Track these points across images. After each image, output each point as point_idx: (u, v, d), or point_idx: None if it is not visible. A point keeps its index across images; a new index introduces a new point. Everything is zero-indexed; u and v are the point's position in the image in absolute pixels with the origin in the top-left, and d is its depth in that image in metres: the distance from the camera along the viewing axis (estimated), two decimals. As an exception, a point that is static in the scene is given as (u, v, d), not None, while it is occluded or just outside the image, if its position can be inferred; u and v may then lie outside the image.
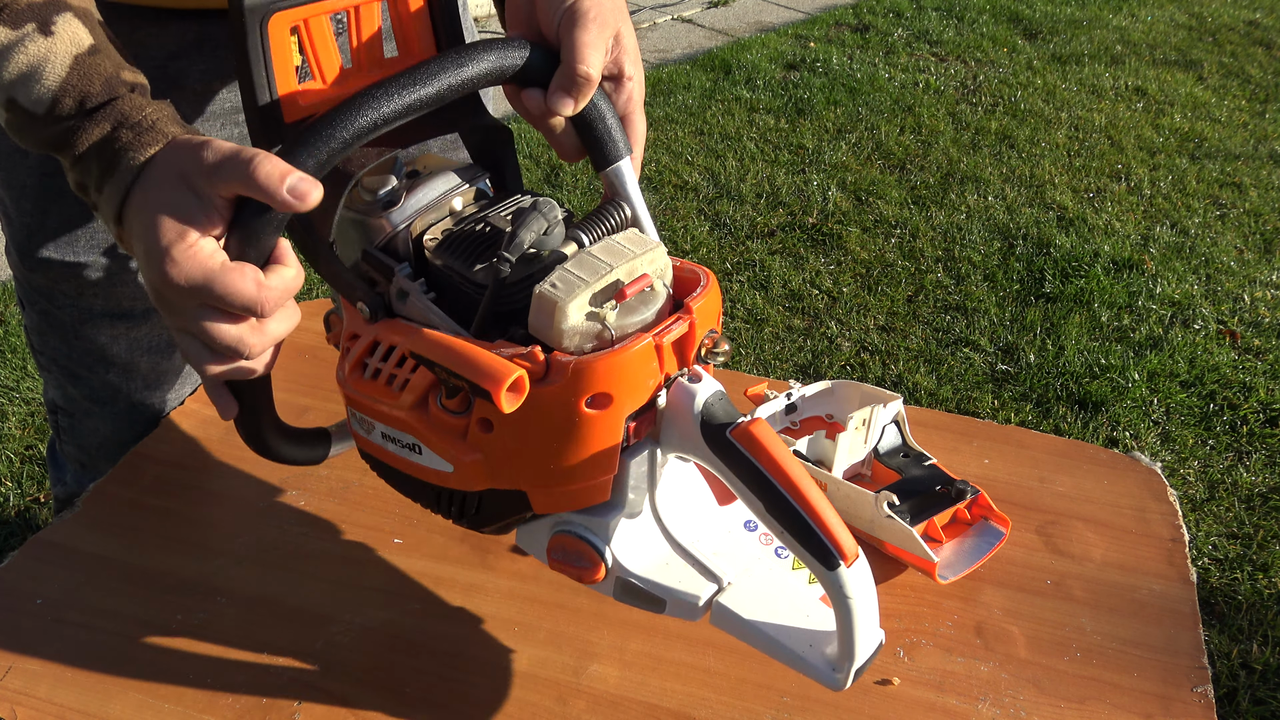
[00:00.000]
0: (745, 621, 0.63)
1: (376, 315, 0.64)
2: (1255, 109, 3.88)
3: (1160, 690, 0.72)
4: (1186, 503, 2.04)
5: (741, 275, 2.73)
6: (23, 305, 0.98)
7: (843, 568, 0.57)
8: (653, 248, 0.61)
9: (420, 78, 0.60)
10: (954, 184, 3.21)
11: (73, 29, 0.61)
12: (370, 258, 0.66)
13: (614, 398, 0.58)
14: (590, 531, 0.64)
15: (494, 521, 0.66)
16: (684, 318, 0.60)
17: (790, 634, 0.63)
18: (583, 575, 0.65)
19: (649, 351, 0.58)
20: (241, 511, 0.86)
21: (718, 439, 0.59)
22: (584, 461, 0.60)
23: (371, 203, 0.67)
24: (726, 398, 0.61)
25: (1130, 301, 2.65)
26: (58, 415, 1.04)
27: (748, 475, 0.58)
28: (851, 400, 0.87)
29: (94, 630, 0.75)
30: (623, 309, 0.58)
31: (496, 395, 0.55)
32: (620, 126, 0.67)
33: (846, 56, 4.19)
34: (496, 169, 0.72)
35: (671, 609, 0.64)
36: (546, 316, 0.57)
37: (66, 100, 0.61)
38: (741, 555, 0.66)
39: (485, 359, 0.56)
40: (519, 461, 0.61)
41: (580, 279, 0.58)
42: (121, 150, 0.60)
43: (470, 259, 0.63)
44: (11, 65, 0.60)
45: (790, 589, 0.65)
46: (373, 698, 0.70)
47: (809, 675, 0.62)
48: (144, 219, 0.58)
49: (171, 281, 0.56)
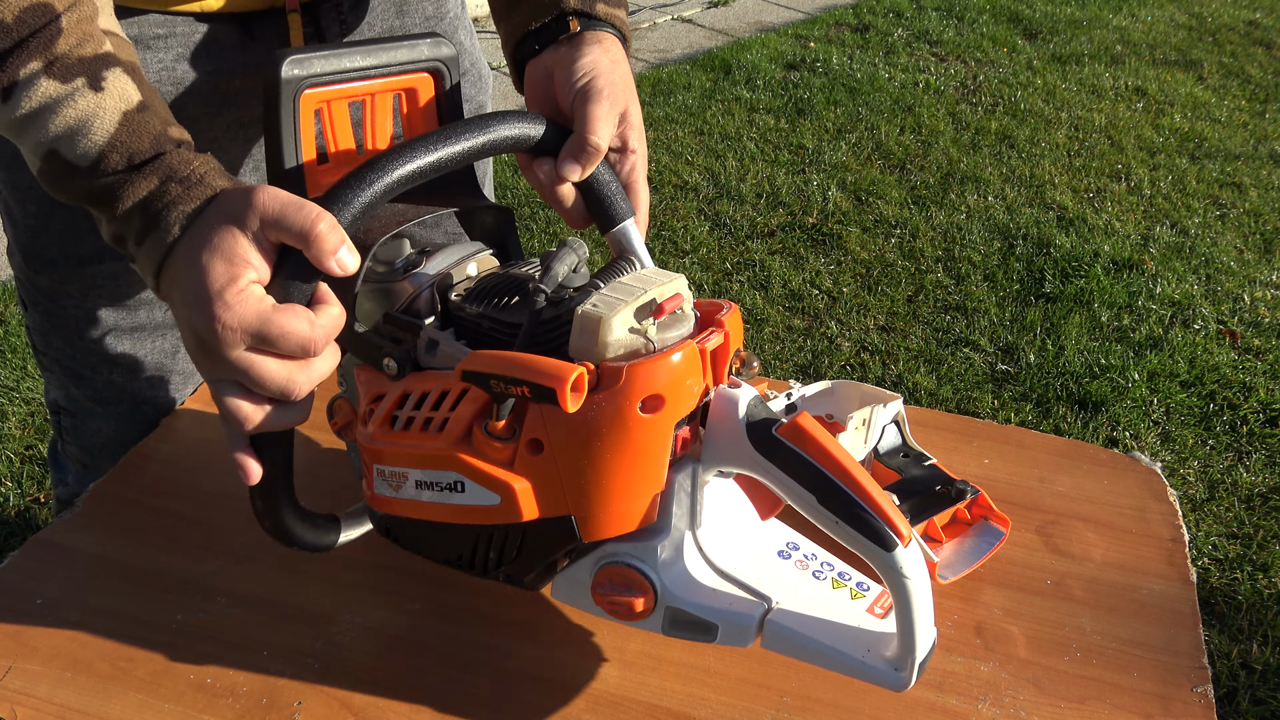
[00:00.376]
0: (801, 636, 0.63)
1: (404, 370, 0.66)
2: (1255, 109, 3.88)
3: (1160, 690, 0.72)
4: (1186, 503, 2.04)
5: (741, 275, 2.73)
6: (25, 306, 0.98)
7: (900, 548, 0.57)
8: (676, 278, 0.64)
9: (451, 136, 0.63)
10: (954, 184, 3.21)
11: (122, 85, 0.62)
12: (393, 319, 0.69)
13: (665, 400, 0.59)
14: (637, 558, 0.64)
15: (537, 562, 0.66)
16: (718, 330, 0.63)
17: (846, 643, 0.63)
18: (633, 605, 0.64)
19: (695, 355, 0.60)
20: (241, 511, 0.86)
21: (765, 438, 0.60)
22: (636, 471, 0.61)
23: (390, 271, 0.71)
24: (764, 402, 0.63)
25: (1130, 301, 2.65)
26: (60, 416, 1.05)
27: (798, 469, 0.59)
28: (851, 400, 0.87)
29: (94, 630, 0.75)
30: (661, 325, 0.60)
31: (562, 393, 0.56)
32: (623, 192, 0.71)
33: (846, 56, 4.19)
34: (500, 246, 0.76)
35: (724, 635, 0.64)
36: (590, 334, 0.59)
37: (114, 156, 0.61)
38: (781, 579, 0.66)
39: (546, 362, 0.57)
40: (570, 480, 0.61)
41: (618, 299, 0.60)
42: (170, 204, 0.61)
43: (500, 304, 0.65)
44: (59, 120, 0.61)
45: (834, 605, 0.65)
46: (373, 698, 0.70)
47: (871, 680, 0.62)
48: (192, 267, 0.59)
49: (224, 325, 0.58)
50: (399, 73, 0.71)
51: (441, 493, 0.65)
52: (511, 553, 0.66)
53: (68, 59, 0.60)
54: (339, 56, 0.67)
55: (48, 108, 0.60)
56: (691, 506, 0.64)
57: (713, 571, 0.66)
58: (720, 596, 0.65)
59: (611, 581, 0.65)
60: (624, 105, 0.72)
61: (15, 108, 0.60)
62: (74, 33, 0.61)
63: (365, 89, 0.71)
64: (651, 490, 0.62)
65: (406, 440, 0.65)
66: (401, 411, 0.66)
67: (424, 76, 0.74)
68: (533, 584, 0.69)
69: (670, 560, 0.65)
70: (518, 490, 0.62)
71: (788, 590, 0.66)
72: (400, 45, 0.70)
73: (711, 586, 0.65)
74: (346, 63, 0.67)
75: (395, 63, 0.70)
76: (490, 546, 0.66)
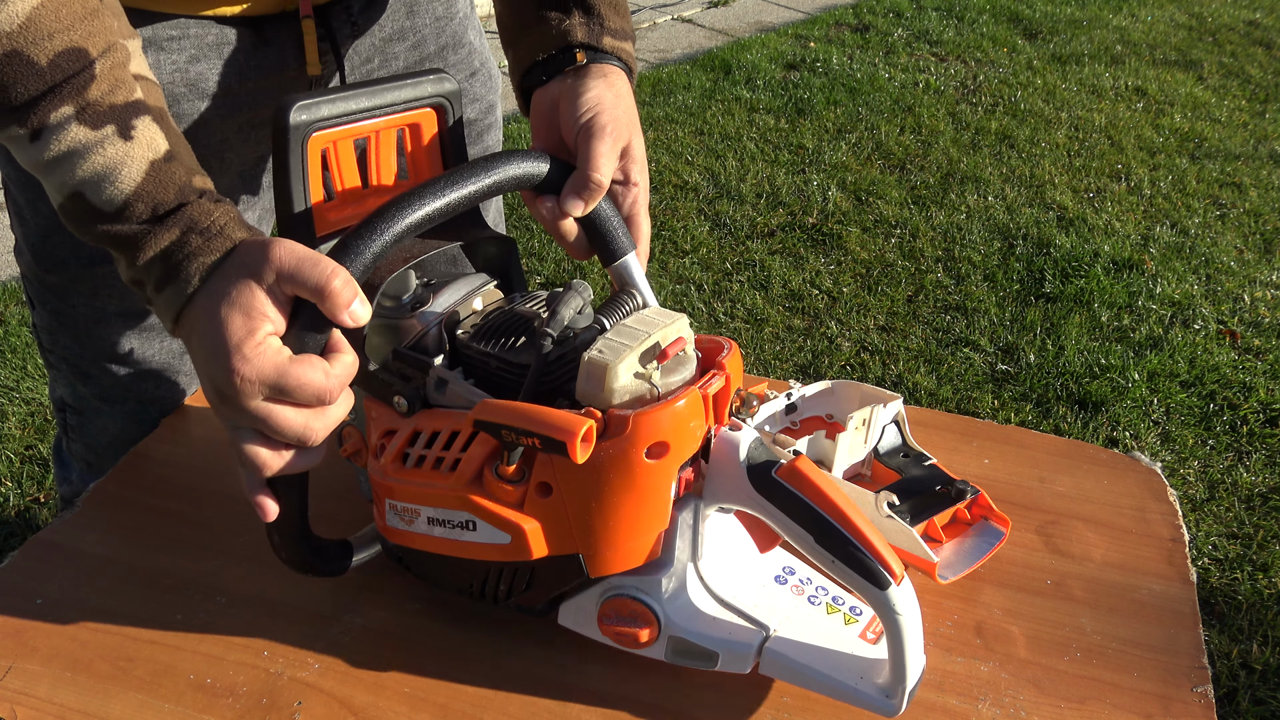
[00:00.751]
0: (796, 663, 0.67)
1: (414, 407, 0.68)
2: (1255, 109, 3.88)
3: (1160, 690, 0.72)
4: (1186, 503, 2.04)
5: (741, 275, 2.73)
6: (33, 304, 0.98)
7: (893, 586, 0.61)
8: (679, 319, 0.66)
9: (457, 180, 0.65)
10: (954, 184, 3.21)
11: (151, 134, 0.63)
12: (401, 356, 0.70)
13: (670, 446, 0.62)
14: (642, 592, 0.67)
15: (545, 595, 0.70)
16: (720, 374, 0.65)
17: (840, 670, 0.66)
18: (638, 636, 0.67)
19: (698, 401, 0.63)
20: (241, 511, 0.86)
21: (765, 480, 0.63)
22: (642, 513, 0.64)
23: (397, 307, 0.72)
24: (764, 443, 0.65)
25: (1130, 301, 2.65)
26: (66, 413, 1.05)
27: (797, 510, 0.62)
28: (851, 400, 0.87)
29: (94, 630, 0.75)
30: (664, 369, 0.63)
31: (572, 446, 0.58)
32: (625, 226, 0.73)
33: (846, 56, 4.19)
34: (504, 276, 0.78)
35: (724, 662, 0.68)
36: (597, 381, 0.61)
37: (139, 206, 0.62)
38: (778, 605, 0.70)
39: (556, 415, 0.60)
40: (578, 521, 0.64)
41: (623, 344, 0.62)
42: (190, 255, 0.62)
43: (508, 343, 0.67)
44: (86, 166, 0.61)
45: (829, 631, 0.69)
46: (373, 698, 0.70)
47: (863, 706, 0.65)
48: (210, 319, 0.60)
49: (242, 377, 0.59)
50: (404, 110, 0.72)
51: (454, 530, 0.67)
52: (521, 586, 0.69)
53: (99, 106, 0.61)
54: (345, 99, 0.68)
55: (76, 153, 0.61)
56: (693, 539, 0.67)
57: (714, 600, 0.69)
58: (721, 625, 0.68)
59: (618, 614, 0.68)
60: (626, 139, 0.73)
61: (43, 150, 0.61)
62: (106, 79, 0.61)
63: (370, 127, 0.72)
64: (656, 529, 0.65)
65: (418, 478, 0.67)
66: (413, 449, 0.68)
67: (427, 112, 0.75)
68: (542, 612, 0.72)
69: (673, 592, 0.68)
70: (528, 531, 0.64)
71: (785, 617, 0.69)
72: (404, 85, 0.72)
73: (713, 615, 0.68)
74: (352, 105, 0.68)
75: (400, 101, 0.71)
76: (500, 580, 0.69)
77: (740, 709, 0.70)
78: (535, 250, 2.78)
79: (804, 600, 0.71)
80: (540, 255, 2.76)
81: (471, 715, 0.69)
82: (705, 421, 0.64)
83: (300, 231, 0.69)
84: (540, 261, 2.73)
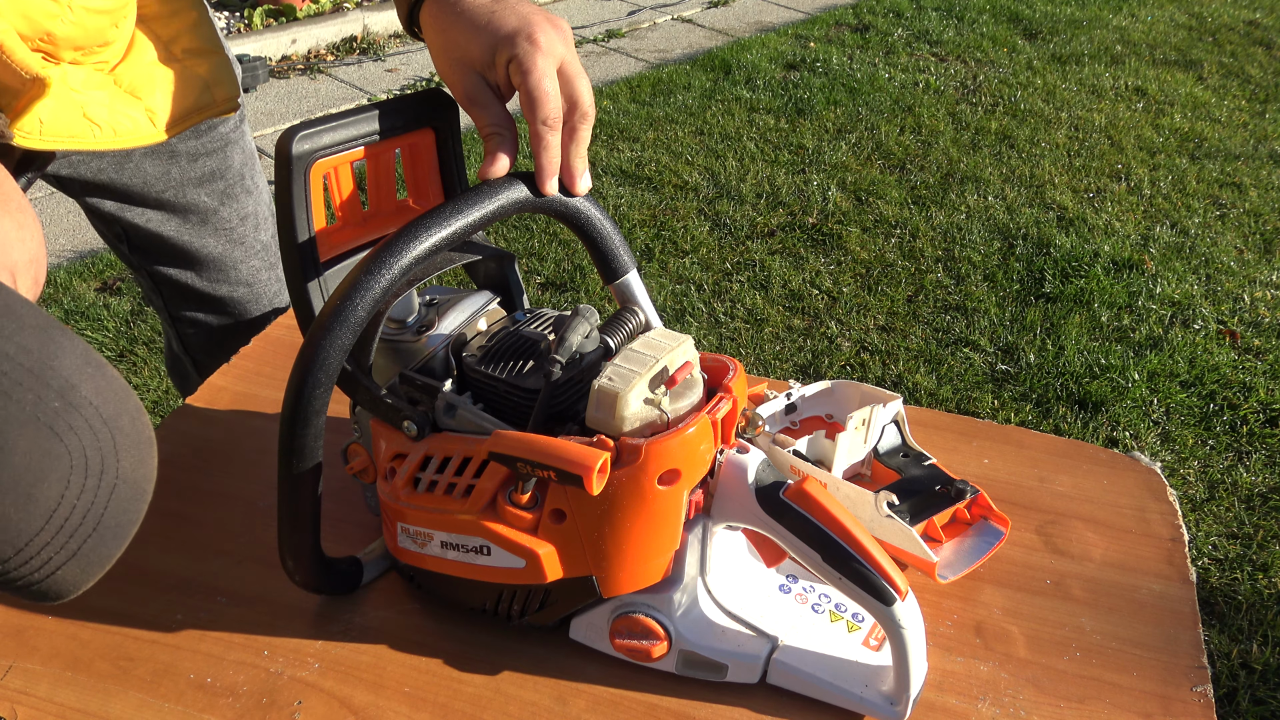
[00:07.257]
0: (803, 673, 0.69)
1: (424, 432, 0.68)
2: (1255, 109, 3.88)
3: (1160, 690, 0.72)
4: (1186, 503, 2.04)
5: (741, 275, 2.73)
6: None
7: (898, 602, 0.63)
8: (684, 341, 0.67)
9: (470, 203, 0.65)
10: (954, 184, 3.21)
11: None
12: (409, 379, 0.70)
13: (682, 473, 0.63)
14: (653, 608, 0.69)
15: (558, 614, 0.71)
16: (726, 397, 0.66)
17: (845, 678, 0.69)
18: (650, 651, 0.69)
19: (707, 427, 0.64)
20: (241, 511, 0.86)
21: (772, 501, 0.65)
22: (654, 537, 0.65)
23: (402, 329, 0.73)
24: (771, 465, 0.67)
25: (1130, 301, 2.65)
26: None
27: (804, 530, 0.64)
28: (851, 400, 0.87)
29: (94, 630, 0.75)
30: (673, 394, 0.64)
31: (588, 480, 0.59)
32: (625, 243, 0.73)
33: (846, 56, 4.20)
34: (504, 290, 0.79)
35: (733, 673, 0.70)
36: (608, 409, 0.62)
37: None
38: (783, 615, 0.72)
39: (571, 448, 0.60)
40: (592, 546, 0.65)
41: (632, 370, 0.63)
42: None
43: (516, 368, 0.67)
44: None
45: (833, 639, 0.71)
46: (373, 697, 0.70)
47: (869, 712, 0.68)
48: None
49: None
50: (402, 132, 0.72)
51: (468, 554, 0.68)
52: (534, 606, 0.71)
53: None
54: (345, 126, 0.68)
55: None
56: (702, 555, 0.69)
57: (722, 613, 0.70)
58: (729, 637, 0.70)
59: (630, 630, 0.69)
60: (559, 60, 0.67)
61: None
62: None
63: (370, 150, 0.72)
64: (668, 550, 0.67)
65: (431, 503, 0.68)
66: (424, 474, 0.68)
67: (425, 131, 0.75)
68: (554, 629, 0.73)
69: (684, 607, 0.69)
70: (542, 555, 0.66)
71: (790, 627, 0.71)
72: (403, 107, 0.72)
73: (722, 628, 0.70)
74: (354, 130, 0.68)
75: (399, 124, 0.72)
76: (514, 600, 0.71)
77: (740, 709, 0.70)
78: (535, 250, 2.78)
79: (808, 609, 0.73)
80: (540, 255, 2.76)
81: (471, 715, 0.69)
82: (714, 445, 0.65)
83: (306, 259, 0.69)
84: (540, 261, 2.73)
